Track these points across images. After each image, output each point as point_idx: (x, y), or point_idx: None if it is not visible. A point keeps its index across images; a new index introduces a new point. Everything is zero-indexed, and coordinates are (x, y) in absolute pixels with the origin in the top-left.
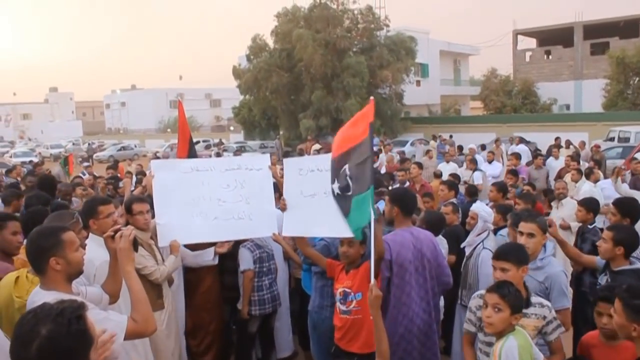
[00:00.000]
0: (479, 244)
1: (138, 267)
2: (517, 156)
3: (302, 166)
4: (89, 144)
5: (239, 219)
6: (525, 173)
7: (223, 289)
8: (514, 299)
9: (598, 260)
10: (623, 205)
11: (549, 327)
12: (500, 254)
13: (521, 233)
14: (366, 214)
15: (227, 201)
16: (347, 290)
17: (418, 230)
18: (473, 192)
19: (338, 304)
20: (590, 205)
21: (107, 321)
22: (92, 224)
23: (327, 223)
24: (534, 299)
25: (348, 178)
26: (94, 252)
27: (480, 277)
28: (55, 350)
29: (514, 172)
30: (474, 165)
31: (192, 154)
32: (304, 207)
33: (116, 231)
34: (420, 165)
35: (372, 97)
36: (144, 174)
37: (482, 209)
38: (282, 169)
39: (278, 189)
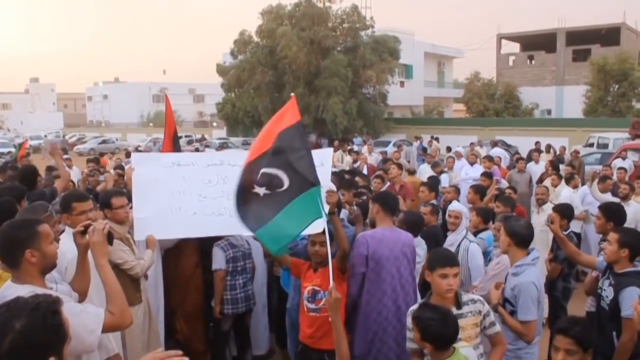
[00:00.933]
0: (462, 240)
1: (119, 262)
2: (490, 158)
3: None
4: (63, 136)
5: (219, 215)
6: (499, 175)
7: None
8: (424, 327)
9: (598, 262)
10: (608, 209)
11: (486, 321)
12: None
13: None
14: (314, 211)
15: (207, 196)
16: (316, 288)
17: (399, 231)
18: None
19: (306, 302)
20: (564, 212)
21: (84, 314)
22: (65, 219)
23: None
24: (465, 296)
25: (276, 175)
26: (67, 245)
27: (472, 271)
28: (30, 345)
29: (487, 175)
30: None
31: (176, 148)
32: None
33: (86, 226)
34: (399, 166)
35: (292, 94)
36: (122, 168)
37: (463, 208)
38: None
39: None
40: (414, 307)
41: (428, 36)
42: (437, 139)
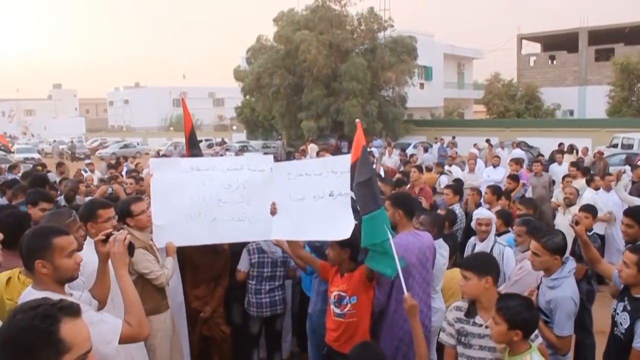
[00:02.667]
0: (494, 245)
1: (144, 272)
2: (517, 161)
3: (291, 170)
4: (71, 141)
5: (239, 221)
6: (526, 179)
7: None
8: (512, 314)
9: (615, 278)
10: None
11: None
12: (464, 263)
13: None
14: (380, 232)
15: (227, 202)
16: (342, 293)
17: (421, 234)
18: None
19: (332, 306)
20: (589, 211)
21: (102, 323)
22: (90, 228)
23: (316, 226)
24: None
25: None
26: (89, 257)
27: (507, 275)
28: (11, 339)
29: (514, 177)
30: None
31: (194, 151)
32: (292, 211)
33: (108, 235)
34: (420, 169)
35: (357, 120)
36: (138, 173)
37: (492, 214)
38: None
39: None
40: (458, 304)
41: (447, 37)
42: (453, 138)
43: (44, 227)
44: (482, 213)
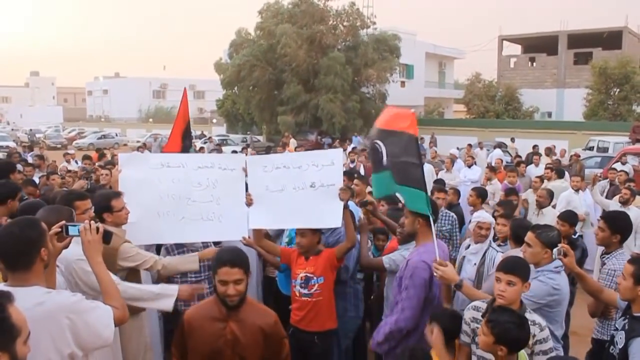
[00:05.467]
0: (487, 249)
1: (138, 263)
2: (492, 169)
3: (266, 163)
4: (30, 129)
5: (208, 220)
6: (521, 189)
7: None
8: (500, 330)
9: (619, 300)
10: (614, 220)
11: (536, 347)
12: (509, 267)
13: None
14: (422, 206)
15: (196, 200)
16: (309, 275)
17: (441, 242)
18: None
19: (298, 287)
20: (569, 219)
21: (98, 309)
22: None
23: (299, 215)
24: (528, 315)
25: (384, 155)
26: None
27: None
28: None
29: (512, 191)
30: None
31: (186, 144)
32: (270, 202)
33: (61, 227)
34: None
35: (412, 111)
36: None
37: (491, 218)
38: None
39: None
40: (476, 304)
41: (429, 36)
42: (432, 135)
43: (27, 218)
44: (484, 217)
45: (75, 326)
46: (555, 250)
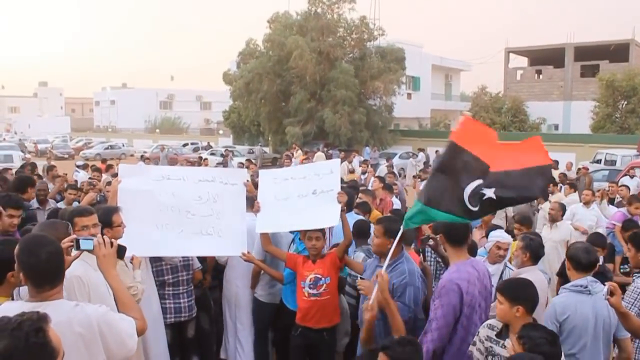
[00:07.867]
0: (504, 269)
1: (130, 287)
2: None
3: (277, 175)
4: (20, 139)
5: (207, 235)
6: None
7: None
8: (532, 346)
9: None
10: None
11: None
12: (498, 287)
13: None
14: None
15: (196, 214)
16: (318, 276)
17: (476, 261)
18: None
19: (307, 288)
20: (597, 241)
21: (122, 320)
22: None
23: (301, 219)
24: None
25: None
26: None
27: None
28: None
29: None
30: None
31: None
32: (276, 208)
33: (72, 240)
34: (381, 180)
35: (465, 113)
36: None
37: (509, 237)
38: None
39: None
40: (491, 322)
41: (436, 49)
42: (437, 152)
43: (39, 235)
44: (503, 236)
45: (105, 337)
46: (604, 289)
